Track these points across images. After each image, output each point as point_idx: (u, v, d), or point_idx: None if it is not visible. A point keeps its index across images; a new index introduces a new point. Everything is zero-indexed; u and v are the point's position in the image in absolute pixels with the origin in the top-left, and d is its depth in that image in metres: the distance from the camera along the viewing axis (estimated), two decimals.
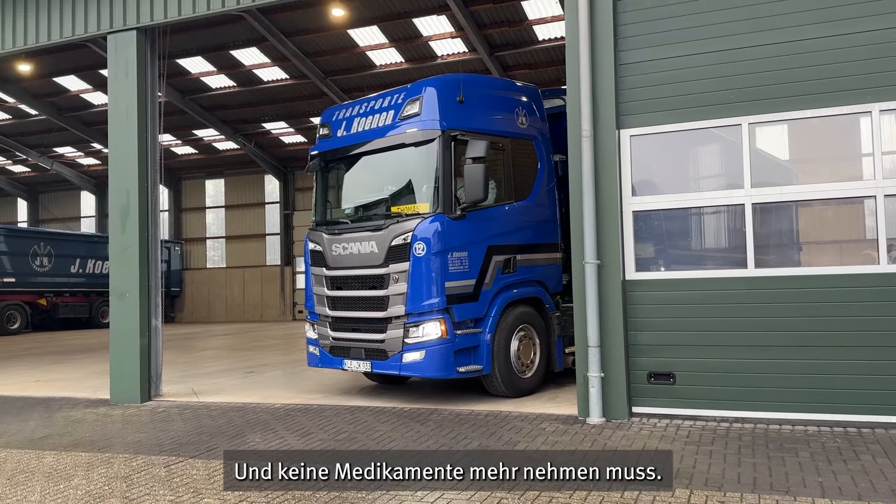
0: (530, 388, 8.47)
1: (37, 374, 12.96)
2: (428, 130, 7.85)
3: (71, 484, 5.64)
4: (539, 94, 9.19)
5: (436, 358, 7.68)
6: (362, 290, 8.29)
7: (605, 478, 5.10)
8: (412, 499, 4.90)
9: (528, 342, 8.49)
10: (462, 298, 7.83)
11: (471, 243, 7.93)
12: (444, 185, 7.78)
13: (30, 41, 9.85)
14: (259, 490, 5.17)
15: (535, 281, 8.67)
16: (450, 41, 20.68)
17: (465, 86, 8.14)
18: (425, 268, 7.72)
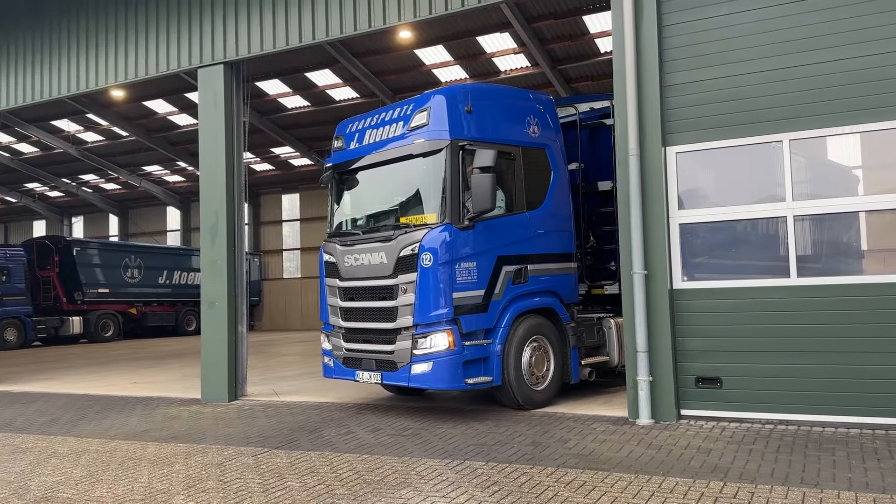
0: (543, 401, 8.37)
1: (133, 377, 14.13)
2: (435, 141, 7.84)
3: (173, 469, 6.47)
4: (552, 103, 9.13)
5: (443, 369, 7.58)
6: (373, 301, 8.24)
7: (645, 470, 5.59)
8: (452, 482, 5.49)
9: (541, 354, 8.38)
10: (471, 309, 7.76)
11: (479, 253, 7.86)
12: (451, 196, 7.73)
13: (129, 76, 10.99)
14: (336, 476, 5.86)
15: (549, 291, 8.56)
16: (512, 56, 21.25)
17: (473, 96, 8.12)
18: (432, 278, 7.64)
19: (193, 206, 35.13)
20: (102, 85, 11.32)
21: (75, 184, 35.36)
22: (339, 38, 9.80)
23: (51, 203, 38.63)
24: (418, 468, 6.05)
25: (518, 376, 8.08)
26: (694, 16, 7.46)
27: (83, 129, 28.35)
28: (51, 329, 25.66)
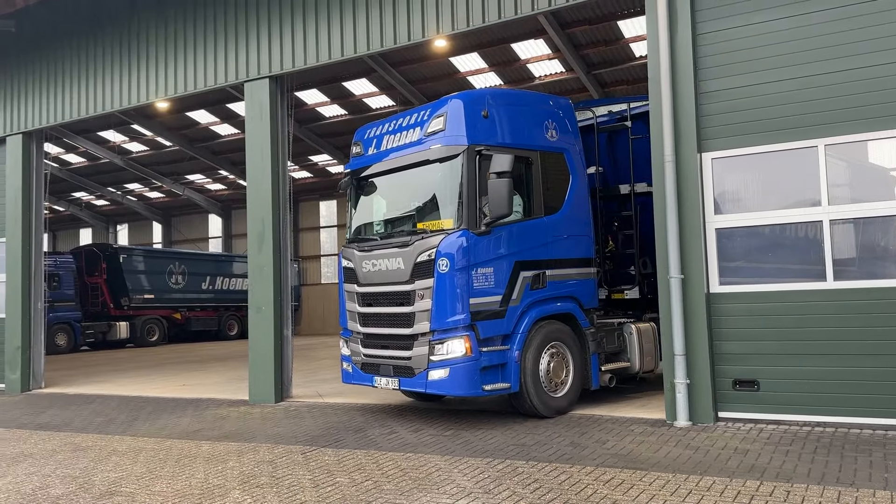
0: (562, 408, 8.30)
1: (181, 380, 14.61)
2: (452, 146, 7.81)
3: (227, 466, 6.79)
4: (571, 107, 9.09)
5: (460, 376, 7.54)
6: (390, 307, 8.20)
7: (682, 469, 5.74)
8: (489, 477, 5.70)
9: (559, 360, 8.30)
10: (488, 315, 7.72)
11: (497, 259, 7.82)
12: (468, 201, 7.70)
13: (179, 90, 11.45)
14: (382, 472, 6.12)
15: (568, 297, 8.50)
16: (547, 62, 21.40)
17: (489, 101, 8.11)
18: (449, 284, 7.61)
19: (234, 213, 35.92)
20: (153, 99, 11.81)
21: (120, 192, 36.40)
22: (380, 52, 10.08)
23: (97, 211, 39.80)
24: (461, 466, 6.28)
25: (536, 383, 8.01)
26: (728, 24, 7.58)
27: (128, 139, 29.21)
28: (99, 334, 26.48)
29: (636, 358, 9.11)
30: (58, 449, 8.04)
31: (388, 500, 5.40)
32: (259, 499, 5.63)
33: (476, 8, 9.10)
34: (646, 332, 9.29)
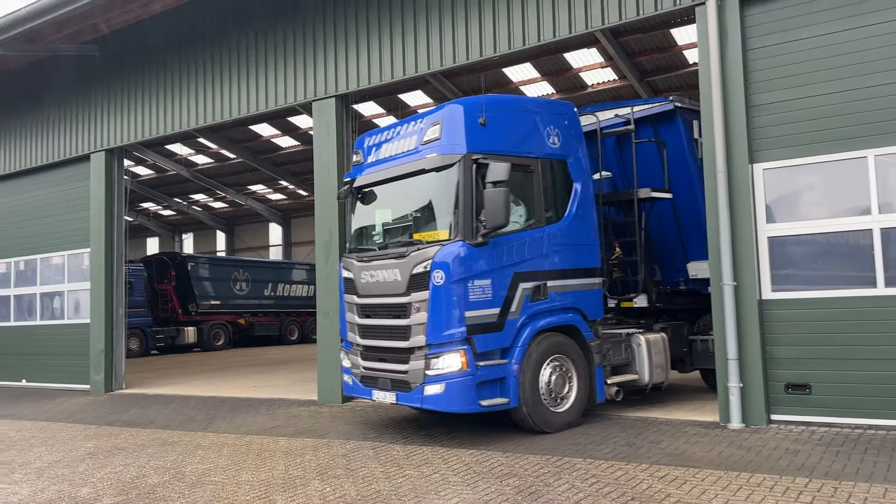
0: (565, 423, 8.00)
1: (251, 381, 15.38)
2: (448, 155, 7.60)
3: (304, 459, 7.36)
4: (575, 113, 8.82)
5: (456, 391, 7.33)
6: (387, 319, 8.00)
7: (734, 467, 6.05)
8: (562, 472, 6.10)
9: (561, 373, 8.03)
10: (485, 328, 7.48)
11: (494, 270, 7.59)
12: (464, 211, 7.48)
13: (252, 109, 12.20)
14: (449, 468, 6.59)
15: (571, 308, 8.22)
16: (599, 71, 21.66)
17: (487, 108, 7.86)
18: (444, 297, 7.39)
19: (294, 222, 37.06)
20: (228, 118, 12.57)
21: (186, 203, 37.98)
22: (440, 71, 10.59)
23: (163, 221, 41.56)
24: (521, 462, 6.69)
25: (535, 397, 7.73)
26: (777, 39, 7.84)
27: (194, 152, 30.57)
28: (168, 338, 27.71)
29: (645, 370, 8.91)
30: (147, 443, 8.74)
31: (456, 490, 5.86)
32: (337, 488, 6.16)
33: (531, 27, 9.53)
34: (655, 343, 9.10)
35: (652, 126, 9.65)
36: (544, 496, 5.58)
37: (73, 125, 15.06)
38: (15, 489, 6.84)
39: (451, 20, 10.17)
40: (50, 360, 15.50)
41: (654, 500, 5.34)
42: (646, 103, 9.79)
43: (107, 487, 6.70)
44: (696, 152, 9.37)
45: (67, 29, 12.96)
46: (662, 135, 9.64)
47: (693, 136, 9.43)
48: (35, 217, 16.16)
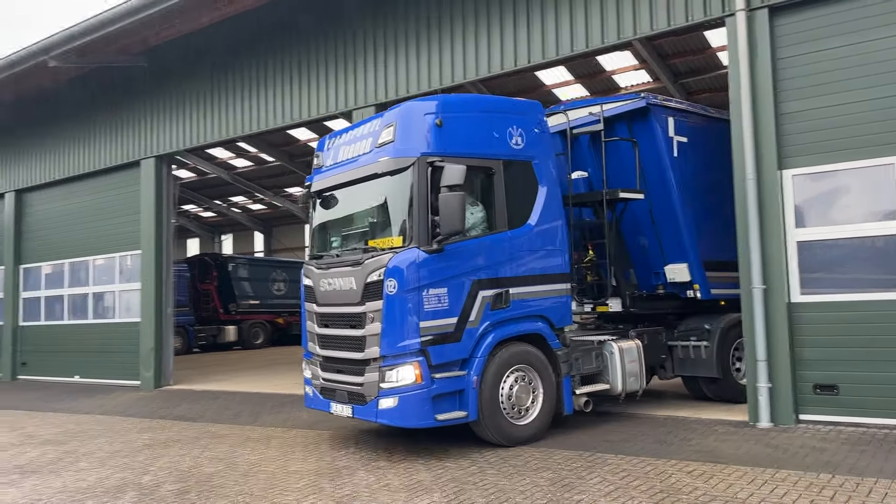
0: (529, 436, 7.65)
1: (292, 379, 15.91)
2: (401, 158, 7.28)
3: (349, 451, 7.79)
4: (540, 111, 8.41)
5: (409, 405, 7.03)
6: (344, 329, 7.69)
7: (761, 463, 6.31)
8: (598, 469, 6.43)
9: (525, 384, 7.68)
10: (441, 339, 7.15)
11: (451, 278, 7.25)
12: (419, 217, 7.15)
13: (295, 118, 12.77)
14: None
15: (536, 316, 7.88)
16: (633, 73, 21.80)
17: (444, 108, 7.53)
18: (398, 307, 7.08)
19: None
20: (272, 126, 13.17)
21: (226, 205, 38.88)
22: (482, 79, 10.97)
23: (203, 222, 42.59)
24: (555, 457, 7.03)
25: (494, 410, 7.40)
26: (807, 49, 8.04)
27: (234, 155, 31.34)
28: (209, 337, 28.51)
29: (618, 379, 8.58)
30: (199, 436, 9.26)
31: (494, 481, 6.22)
32: (381, 477, 6.57)
33: (564, 37, 9.87)
34: (629, 350, 8.76)
35: (627, 124, 9.43)
36: (577, 487, 5.92)
37: (123, 133, 15.77)
38: (82, 476, 7.38)
39: (487, 31, 10.57)
40: (102, 357, 16.23)
41: (682, 493, 5.63)
42: (618, 100, 9.58)
43: (166, 475, 7.20)
44: (672, 151, 9.24)
45: (117, 43, 13.59)
46: (637, 133, 9.35)
47: (668, 133, 9.23)
48: (88, 220, 16.92)
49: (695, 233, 9.34)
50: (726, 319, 9.50)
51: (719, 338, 9.41)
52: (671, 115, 9.25)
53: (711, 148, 9.56)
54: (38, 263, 18.21)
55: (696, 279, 9.36)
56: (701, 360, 9.48)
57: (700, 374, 9.61)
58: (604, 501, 5.52)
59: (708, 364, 9.43)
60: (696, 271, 9.37)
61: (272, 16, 13.00)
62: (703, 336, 9.52)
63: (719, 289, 9.57)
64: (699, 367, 9.55)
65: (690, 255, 9.35)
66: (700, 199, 9.45)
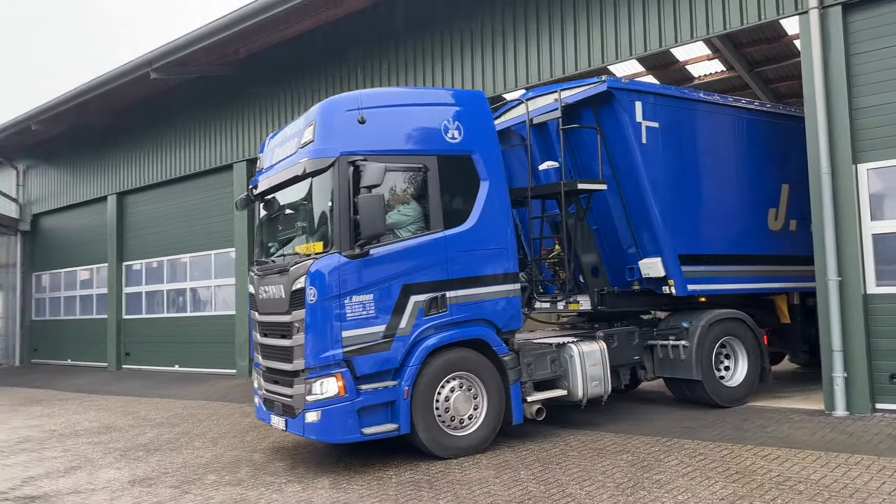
0: (470, 447, 7.20)
1: None
2: (319, 159, 6.87)
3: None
4: (483, 101, 7.89)
5: (332, 419, 6.67)
6: (277, 339, 7.35)
7: (835, 449, 6.59)
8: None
9: (464, 392, 7.25)
10: (368, 349, 6.80)
11: (378, 284, 6.88)
12: (339, 220, 6.76)
13: None
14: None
15: (478, 320, 7.40)
16: (706, 63, 21.64)
17: (366, 103, 7.12)
18: (319, 315, 6.72)
19: None
20: None
21: None
22: (555, 80, 11.41)
23: None
24: (633, 441, 7.45)
25: (429, 421, 7.00)
26: (881, 44, 8.14)
27: None
28: None
29: (578, 384, 8.04)
30: None
31: (574, 462, 6.72)
32: (471, 457, 7.13)
33: (638, 38, 10.22)
34: (591, 354, 8.21)
35: (593, 110, 8.81)
36: (655, 468, 6.34)
37: (216, 138, 16.85)
38: (199, 453, 8.25)
39: (561, 34, 11.02)
40: (200, 348, 17.42)
41: (756, 475, 5.99)
42: (578, 85, 8.93)
43: (274, 452, 7.97)
44: (640, 137, 8.58)
45: (214, 54, 14.58)
46: (603, 119, 8.76)
47: (636, 119, 8.57)
48: (184, 220, 18.14)
49: (669, 224, 8.74)
50: (708, 317, 8.95)
51: (699, 337, 8.79)
52: (639, 99, 8.60)
53: (690, 133, 9.11)
54: (139, 261, 19.60)
55: (670, 274, 8.75)
56: (679, 360, 8.84)
57: (679, 375, 8.94)
58: (681, 481, 5.93)
59: (686, 365, 8.78)
60: (670, 266, 8.75)
61: (347, 28, 13.73)
62: (681, 335, 8.91)
63: (698, 284, 9.02)
64: (678, 369, 8.90)
65: (664, 249, 8.75)
66: (676, 189, 8.87)
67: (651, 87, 9.07)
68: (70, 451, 8.84)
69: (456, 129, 7.49)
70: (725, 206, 9.43)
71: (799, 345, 10.69)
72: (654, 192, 8.67)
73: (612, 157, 8.81)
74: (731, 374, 9.24)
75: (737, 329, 9.24)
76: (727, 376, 9.22)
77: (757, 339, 9.36)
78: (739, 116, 9.64)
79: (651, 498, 5.54)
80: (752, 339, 9.33)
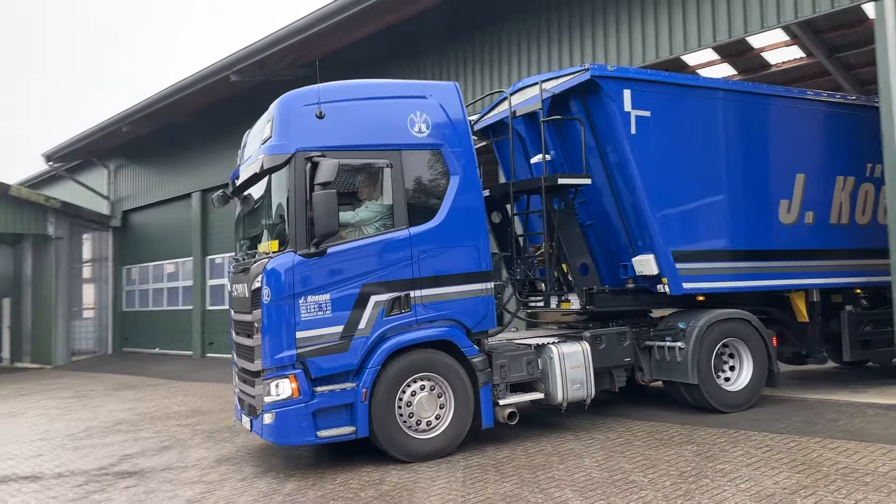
0: (434, 451, 6.94)
1: None
2: (275, 156, 6.71)
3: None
4: (454, 93, 7.52)
5: (285, 421, 6.54)
6: (244, 338, 7.29)
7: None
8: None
9: (428, 395, 6.99)
10: (324, 350, 6.63)
11: (335, 283, 6.68)
12: (295, 218, 6.59)
13: None
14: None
15: (445, 320, 7.12)
16: (784, 49, 21.01)
17: (325, 97, 6.88)
18: (274, 316, 6.59)
19: None
20: None
21: None
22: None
23: None
24: (699, 433, 7.50)
25: (390, 425, 6.79)
26: None
27: None
28: None
29: (558, 387, 7.64)
30: None
31: (638, 451, 6.84)
32: (536, 443, 7.34)
33: (722, 24, 10.41)
34: (572, 355, 7.77)
35: (581, 100, 8.39)
36: (720, 458, 6.41)
37: None
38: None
39: (641, 22, 11.32)
40: None
41: (822, 466, 5.99)
42: (560, 75, 8.49)
43: None
44: (628, 127, 8.06)
45: (289, 56, 15.17)
46: (592, 109, 8.32)
47: (624, 108, 8.04)
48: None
49: (662, 219, 8.21)
50: (707, 317, 8.35)
51: (696, 338, 8.20)
52: (628, 87, 8.07)
53: (688, 121, 8.53)
54: (222, 255, 20.53)
55: (664, 272, 8.21)
56: (675, 363, 8.26)
57: (675, 378, 8.37)
58: (745, 470, 5.99)
59: (682, 368, 8.19)
60: (664, 263, 8.21)
61: (427, 20, 14.07)
62: (677, 336, 8.35)
63: (695, 282, 8.44)
64: (674, 371, 8.32)
65: (657, 245, 8.19)
66: (670, 182, 8.32)
67: (641, 73, 8.55)
68: (161, 432, 9.50)
69: (423, 122, 7.22)
70: (728, 199, 8.71)
71: (818, 345, 9.68)
72: (646, 185, 8.12)
73: (602, 148, 8.40)
74: (734, 377, 8.59)
75: (741, 330, 8.57)
76: (731, 379, 8.59)
77: (764, 341, 8.62)
78: (745, 101, 8.93)
79: (714, 486, 5.63)
80: (759, 341, 8.61)
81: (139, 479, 7.04)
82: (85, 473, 7.39)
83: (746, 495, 5.38)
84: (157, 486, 6.78)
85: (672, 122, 8.40)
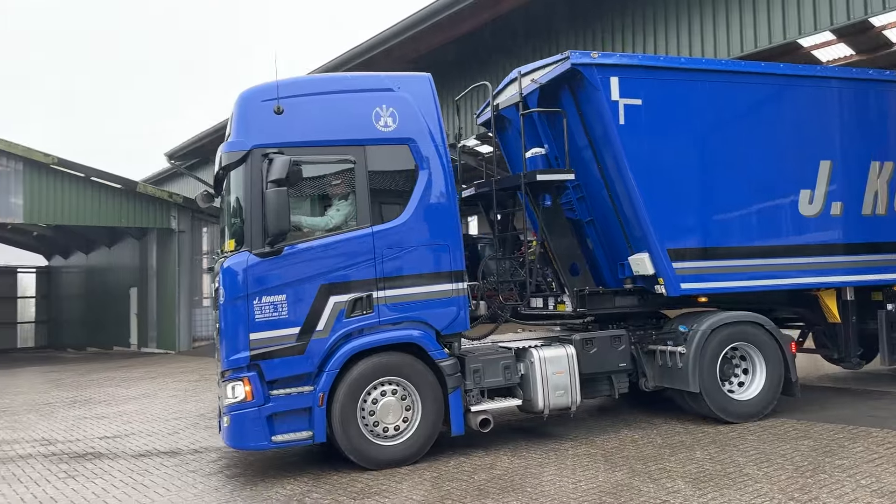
0: (399, 458, 6.64)
1: None
2: (233, 153, 6.58)
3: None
4: (426, 85, 7.16)
5: (241, 425, 6.38)
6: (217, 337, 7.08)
7: None
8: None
9: (396, 400, 6.69)
10: (279, 352, 6.42)
11: (292, 283, 6.49)
12: (250, 216, 6.46)
13: None
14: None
15: (412, 321, 6.81)
16: None
17: (283, 92, 6.65)
18: (230, 316, 6.45)
19: None
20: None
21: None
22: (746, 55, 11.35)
23: None
24: (816, 428, 7.33)
25: (351, 430, 6.53)
26: None
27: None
28: None
29: (538, 394, 7.17)
30: None
31: (752, 445, 6.78)
32: (645, 436, 7.38)
33: (840, 5, 10.12)
34: (555, 360, 7.29)
35: (570, 91, 7.85)
36: (838, 454, 6.28)
37: None
38: None
39: (753, 7, 11.09)
40: None
41: None
42: (539, 67, 8.04)
43: None
44: (616, 117, 7.47)
45: (394, 55, 15.61)
46: (581, 100, 7.80)
47: (612, 97, 7.47)
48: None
49: (656, 215, 7.62)
50: (711, 320, 7.71)
51: (698, 343, 7.56)
52: (615, 75, 7.48)
53: (687, 108, 7.85)
54: None
55: (660, 272, 7.64)
56: (677, 369, 7.63)
57: (676, 385, 7.75)
58: (866, 467, 5.86)
59: (683, 375, 7.57)
60: (659, 262, 7.62)
61: (523, 15, 14.16)
62: (678, 341, 7.74)
63: (695, 282, 7.81)
64: (676, 378, 7.69)
65: (651, 243, 7.63)
66: (666, 174, 7.72)
67: (629, 58, 8.00)
68: None
69: (390, 116, 6.93)
70: (736, 191, 7.97)
71: (852, 348, 8.80)
72: (638, 178, 7.54)
73: (594, 141, 7.89)
74: (746, 385, 7.89)
75: (752, 334, 7.84)
76: (744, 385, 7.90)
77: (780, 347, 7.85)
78: (753, 84, 8.14)
79: (832, 481, 5.55)
80: (774, 347, 7.84)
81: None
82: (218, 450, 7.99)
83: (868, 491, 5.28)
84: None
85: (668, 109, 7.79)
